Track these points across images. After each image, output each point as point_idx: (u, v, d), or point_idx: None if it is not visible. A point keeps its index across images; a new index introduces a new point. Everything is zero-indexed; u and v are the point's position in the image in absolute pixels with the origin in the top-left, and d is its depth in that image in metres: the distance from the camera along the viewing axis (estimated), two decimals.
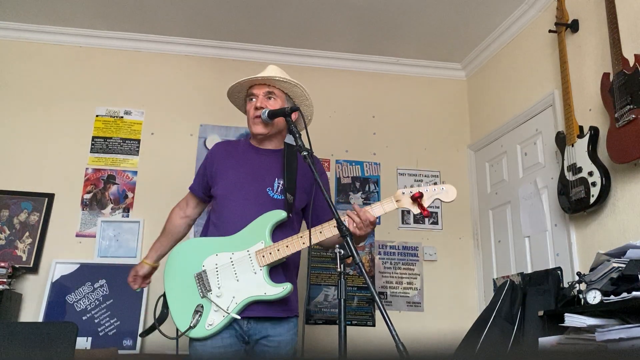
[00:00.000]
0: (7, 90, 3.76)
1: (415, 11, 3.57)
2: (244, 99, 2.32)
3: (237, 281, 2.03)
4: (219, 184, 2.23)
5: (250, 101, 2.24)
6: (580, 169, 2.72)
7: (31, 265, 3.44)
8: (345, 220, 1.97)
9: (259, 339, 2.08)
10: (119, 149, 3.78)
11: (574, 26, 3.03)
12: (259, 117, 2.18)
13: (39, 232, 3.51)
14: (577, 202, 2.74)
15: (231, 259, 2.07)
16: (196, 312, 2.02)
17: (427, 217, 2.10)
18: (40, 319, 3.24)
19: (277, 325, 2.10)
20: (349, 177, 3.97)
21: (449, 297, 3.80)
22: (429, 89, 4.24)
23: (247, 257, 2.05)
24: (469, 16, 3.62)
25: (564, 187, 2.84)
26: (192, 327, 2.01)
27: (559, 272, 2.86)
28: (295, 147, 2.25)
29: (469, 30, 3.79)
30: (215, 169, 2.26)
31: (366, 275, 1.66)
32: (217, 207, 2.23)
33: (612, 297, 2.16)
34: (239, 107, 2.39)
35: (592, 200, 2.65)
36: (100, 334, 3.27)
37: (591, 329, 2.13)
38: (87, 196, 3.66)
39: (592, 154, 2.69)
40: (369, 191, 3.95)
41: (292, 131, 2.00)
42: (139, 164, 3.77)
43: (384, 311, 1.58)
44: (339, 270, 1.73)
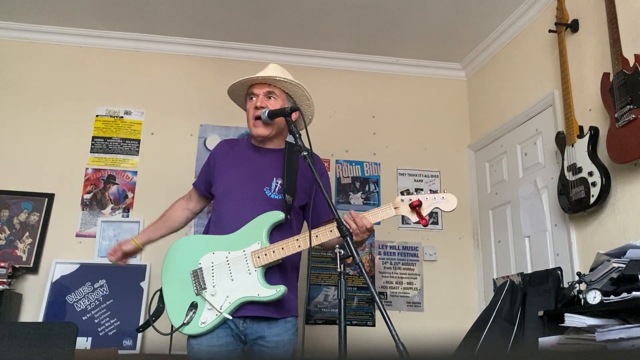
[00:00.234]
0: (7, 90, 3.76)
1: (415, 11, 3.57)
2: (244, 97, 2.32)
3: (232, 281, 2.03)
4: (218, 182, 2.24)
5: (250, 100, 2.24)
6: (580, 169, 2.72)
7: (31, 265, 3.44)
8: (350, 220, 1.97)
9: (255, 339, 2.08)
10: (119, 149, 3.78)
11: (574, 26, 3.03)
12: (259, 117, 2.18)
13: (39, 232, 3.51)
14: (577, 202, 2.74)
15: (227, 258, 2.07)
16: (190, 309, 2.03)
17: (425, 226, 2.07)
18: (40, 319, 3.24)
19: (274, 325, 2.10)
20: (349, 177, 3.96)
21: (449, 297, 3.80)
22: (429, 89, 4.24)
23: (242, 257, 2.05)
24: (469, 16, 3.62)
25: (564, 187, 2.84)
26: (185, 324, 2.01)
27: (559, 272, 2.86)
28: (295, 146, 2.26)
29: (469, 30, 3.78)
30: (216, 168, 2.27)
31: (366, 275, 1.66)
32: (216, 205, 2.24)
33: (612, 297, 2.16)
34: (240, 105, 2.39)
35: (592, 200, 2.65)
36: (100, 334, 3.26)
37: (591, 329, 2.13)
38: (87, 196, 3.66)
39: (592, 154, 2.69)
40: (369, 191, 3.95)
41: (292, 131, 2.00)
42: (139, 164, 3.77)
43: (384, 311, 1.58)
44: (339, 270, 1.72)
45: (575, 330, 2.23)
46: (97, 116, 3.83)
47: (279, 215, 2.09)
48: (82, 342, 3.18)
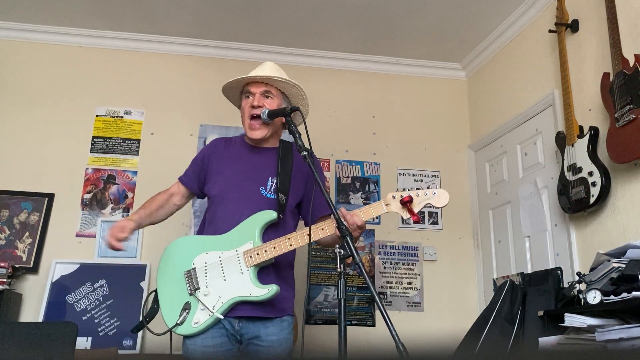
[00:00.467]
0: (8, 90, 3.76)
1: (415, 11, 3.57)
2: (239, 95, 2.30)
3: (225, 281, 2.03)
4: (213, 182, 2.22)
5: (246, 98, 2.22)
6: (580, 169, 2.72)
7: (31, 265, 3.44)
8: (334, 223, 1.95)
9: (251, 338, 2.07)
10: (119, 149, 3.79)
11: (574, 26, 3.03)
12: (256, 116, 2.17)
13: (39, 232, 3.51)
14: (577, 202, 2.74)
15: (220, 258, 2.07)
16: (184, 309, 2.03)
17: (416, 222, 2.04)
18: (40, 319, 3.24)
19: (269, 325, 2.09)
20: (349, 177, 3.97)
21: (449, 297, 3.80)
22: (429, 89, 4.24)
23: (235, 257, 2.05)
24: (469, 16, 3.62)
25: (564, 187, 2.84)
26: (178, 324, 2.01)
27: (559, 272, 2.86)
28: (290, 144, 2.27)
29: (469, 30, 3.79)
30: (211, 167, 2.25)
31: (366, 275, 1.66)
32: (211, 205, 2.22)
33: (612, 297, 2.16)
34: (233, 102, 2.37)
35: (592, 200, 2.65)
36: (100, 334, 3.27)
37: (591, 329, 2.13)
38: (87, 196, 3.66)
39: (592, 154, 2.69)
40: (369, 191, 3.95)
41: (292, 131, 2.00)
42: (139, 164, 3.77)
43: (384, 311, 1.58)
44: (339, 270, 1.73)
45: (575, 330, 2.23)
46: (97, 116, 3.83)
47: (271, 214, 2.09)
48: (82, 342, 3.18)
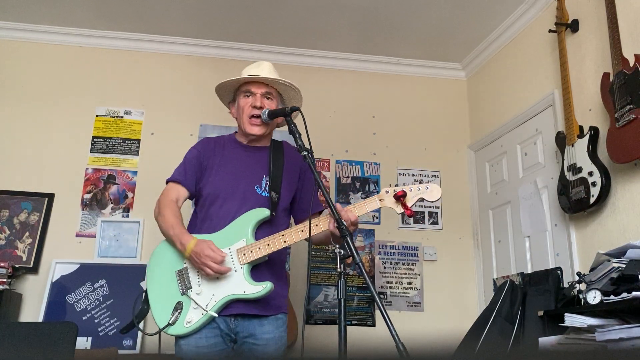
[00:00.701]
0: (7, 90, 3.76)
1: (415, 11, 3.57)
2: (233, 92, 2.29)
3: (217, 279, 2.02)
4: (206, 181, 2.20)
5: (246, 97, 2.22)
6: (580, 169, 2.72)
7: (31, 265, 3.44)
8: (327, 220, 1.97)
9: (246, 336, 2.06)
10: (119, 149, 3.78)
11: (574, 26, 3.03)
12: (257, 117, 2.17)
13: (39, 232, 3.51)
14: (577, 202, 2.74)
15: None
16: (175, 309, 2.01)
17: (410, 216, 2.07)
18: (40, 319, 3.24)
19: (265, 323, 2.09)
20: (349, 177, 3.97)
21: (449, 297, 3.80)
22: (429, 89, 4.24)
23: (228, 255, 2.03)
24: (469, 16, 3.62)
25: (564, 187, 2.84)
26: (170, 324, 1.99)
27: (559, 272, 2.86)
28: (280, 143, 2.30)
29: (469, 30, 3.78)
30: (205, 167, 2.22)
31: (366, 275, 1.66)
32: (204, 204, 2.19)
33: (612, 297, 2.16)
34: (224, 98, 2.34)
35: (592, 200, 2.65)
36: (100, 334, 3.26)
37: (591, 329, 2.13)
38: (87, 196, 3.66)
39: (592, 154, 2.69)
40: (369, 191, 3.95)
41: (293, 131, 2.00)
42: (139, 164, 3.77)
43: (384, 311, 1.58)
44: (339, 270, 1.72)
45: (575, 330, 2.23)
46: (97, 116, 3.83)
47: (264, 212, 2.09)
48: (82, 342, 3.18)
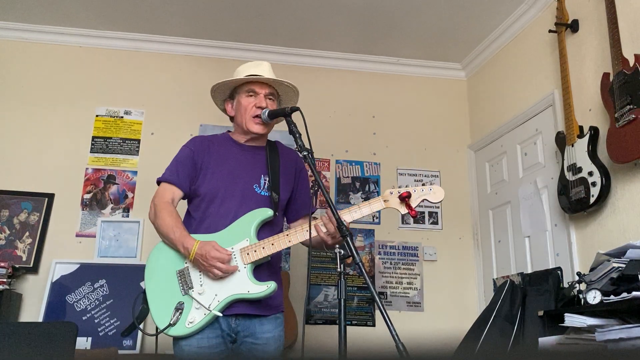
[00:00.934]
0: (7, 90, 3.76)
1: (415, 11, 3.57)
2: (230, 90, 2.28)
3: (220, 278, 2.01)
4: (202, 180, 2.17)
5: (249, 96, 2.22)
6: (580, 169, 2.72)
7: (31, 265, 3.44)
8: (321, 224, 1.98)
9: (246, 336, 2.06)
10: (119, 149, 3.79)
11: (574, 26, 3.03)
12: (258, 116, 2.17)
13: (39, 232, 3.51)
14: (577, 202, 2.74)
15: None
16: (177, 309, 1.99)
17: (414, 217, 2.12)
18: (40, 319, 3.24)
19: (265, 322, 2.10)
20: (349, 177, 3.97)
21: (449, 297, 3.80)
22: (429, 89, 4.24)
23: (231, 255, 2.03)
24: (469, 16, 3.62)
25: (564, 187, 2.84)
26: (171, 324, 1.97)
27: (559, 272, 2.86)
28: (274, 143, 2.31)
29: (469, 30, 3.78)
30: (201, 166, 2.19)
31: (366, 275, 1.66)
32: (201, 204, 2.17)
33: (612, 297, 2.16)
34: (218, 98, 2.33)
35: (592, 200, 2.65)
36: (100, 334, 3.27)
37: (591, 329, 2.13)
38: (87, 196, 3.66)
39: (592, 154, 2.69)
40: (369, 191, 3.95)
41: (293, 131, 2.00)
42: (139, 164, 3.77)
43: (384, 311, 1.58)
44: (339, 270, 1.73)
45: (575, 330, 2.23)
46: (97, 116, 3.83)
47: (267, 212, 2.09)
48: (82, 342, 3.18)
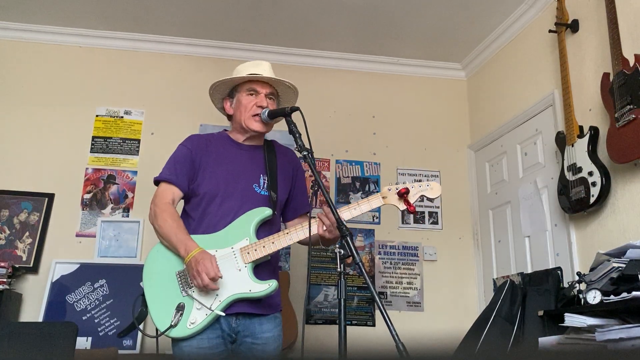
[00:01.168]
0: (7, 90, 3.76)
1: (415, 11, 3.57)
2: (229, 89, 2.28)
3: (221, 278, 1.99)
4: (201, 179, 2.16)
5: (250, 95, 2.22)
6: (580, 169, 2.72)
7: (31, 265, 3.44)
8: (316, 221, 1.99)
9: (246, 335, 2.06)
10: (119, 149, 3.78)
11: (574, 26, 3.03)
12: (258, 115, 2.17)
13: (39, 232, 3.51)
14: (577, 202, 2.74)
15: (214, 256, 2.02)
16: (177, 310, 1.97)
17: (412, 213, 2.15)
18: (40, 319, 3.24)
19: (265, 322, 2.10)
20: (349, 177, 3.97)
21: (449, 297, 3.80)
22: (429, 89, 4.24)
23: (231, 254, 2.02)
24: (469, 16, 3.62)
25: (564, 187, 2.84)
26: (173, 326, 1.95)
27: (559, 272, 2.86)
28: (271, 142, 2.31)
29: (469, 30, 3.78)
30: (199, 165, 2.18)
31: (366, 275, 1.66)
32: (200, 203, 2.15)
33: (612, 297, 2.16)
34: (216, 93, 2.32)
35: (592, 200, 2.65)
36: (100, 334, 3.26)
37: (591, 329, 2.13)
38: (87, 196, 3.66)
39: (592, 154, 2.69)
40: (369, 191, 3.95)
41: (292, 131, 2.00)
42: (139, 164, 3.77)
43: (384, 311, 1.58)
44: (339, 270, 1.73)
45: (575, 330, 2.23)
46: (97, 116, 3.83)
47: (266, 211, 2.09)
48: (82, 342, 3.18)
